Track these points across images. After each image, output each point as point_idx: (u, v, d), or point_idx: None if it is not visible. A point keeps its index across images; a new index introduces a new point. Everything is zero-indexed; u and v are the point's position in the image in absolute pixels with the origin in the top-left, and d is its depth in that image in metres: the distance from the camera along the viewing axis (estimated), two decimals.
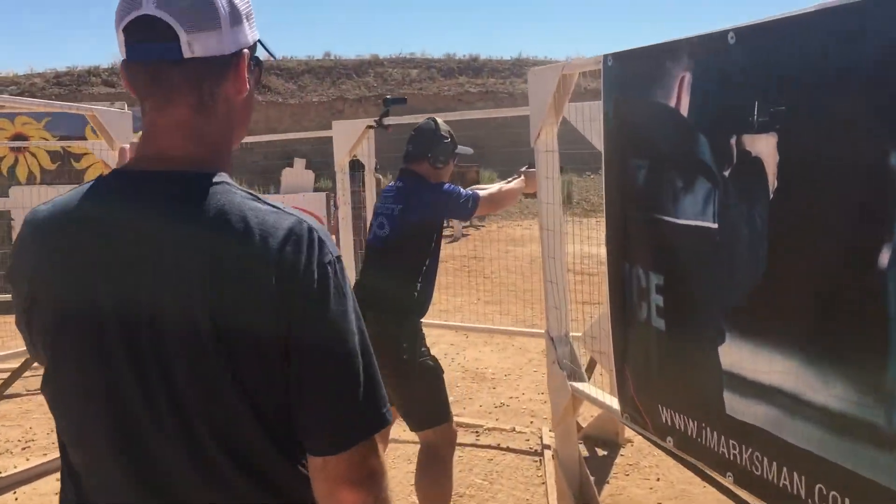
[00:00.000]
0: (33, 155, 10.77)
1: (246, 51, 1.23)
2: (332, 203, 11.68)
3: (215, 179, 1.17)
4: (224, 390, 1.12)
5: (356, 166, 6.65)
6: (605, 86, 2.73)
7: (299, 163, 11.62)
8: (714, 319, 2.26)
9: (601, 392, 3.10)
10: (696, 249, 2.32)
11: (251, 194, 1.19)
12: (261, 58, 1.31)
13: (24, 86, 19.75)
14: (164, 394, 1.13)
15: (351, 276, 4.59)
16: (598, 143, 3.90)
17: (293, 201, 11.57)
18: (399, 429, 4.14)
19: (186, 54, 1.15)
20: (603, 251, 2.84)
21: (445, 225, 18.89)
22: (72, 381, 1.17)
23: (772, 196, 2.01)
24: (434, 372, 3.29)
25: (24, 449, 4.72)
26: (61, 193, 1.25)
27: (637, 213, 2.62)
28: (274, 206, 1.17)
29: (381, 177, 13.39)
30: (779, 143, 1.97)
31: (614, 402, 2.93)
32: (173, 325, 1.11)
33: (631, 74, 2.64)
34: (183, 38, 1.14)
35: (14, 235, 11.45)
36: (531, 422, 5.01)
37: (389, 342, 3.12)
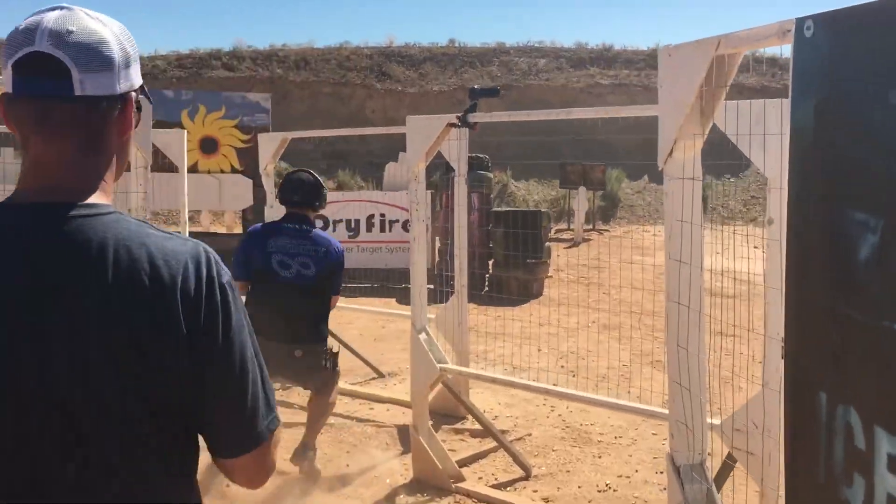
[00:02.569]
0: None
1: (133, 93, 1.32)
2: (437, 202, 10.69)
3: (107, 210, 1.26)
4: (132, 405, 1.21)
5: (449, 169, 5.61)
6: (796, 74, 1.54)
7: (404, 157, 10.68)
8: None
9: None
10: None
11: (144, 222, 1.29)
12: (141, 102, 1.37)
13: (146, 68, 19.71)
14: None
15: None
16: (763, 162, 2.67)
17: (395, 199, 10.65)
18: None
19: (78, 92, 1.22)
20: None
21: (566, 228, 17.63)
22: None
23: None
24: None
25: None
26: None
27: (855, 312, 1.41)
28: (168, 233, 1.28)
29: (491, 175, 12.26)
30: None
31: None
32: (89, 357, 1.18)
33: (852, 54, 1.42)
34: (76, 76, 1.21)
35: None
36: None
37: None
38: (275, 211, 6.24)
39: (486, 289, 10.30)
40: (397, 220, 10.45)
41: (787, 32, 1.57)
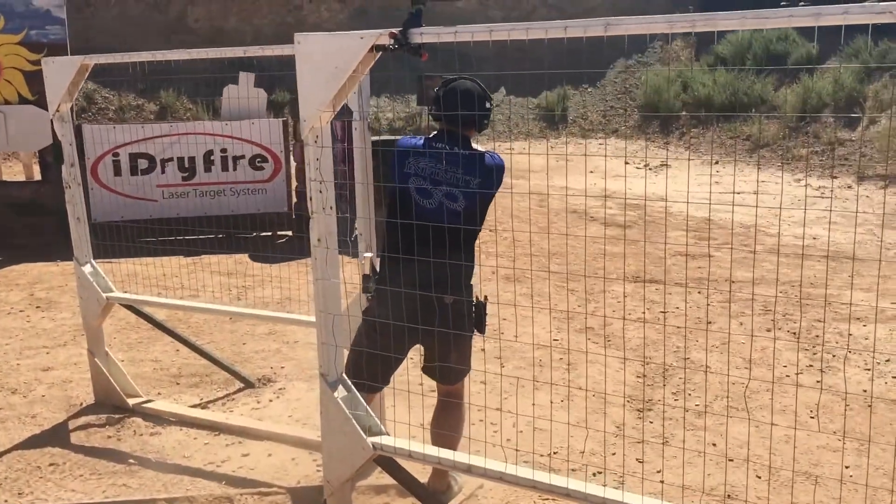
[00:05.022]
0: None
1: None
2: (290, 133, 8.82)
3: None
4: None
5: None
6: None
7: (246, 78, 8.67)
8: None
9: None
10: None
11: None
12: None
13: None
14: None
15: None
16: None
17: (238, 130, 8.66)
18: None
19: None
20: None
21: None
22: None
23: None
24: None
25: None
26: None
27: None
28: None
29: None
30: None
31: None
32: None
33: None
34: None
35: None
36: None
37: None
38: (76, 171, 4.34)
39: (358, 233, 8.67)
40: (242, 156, 8.53)
41: None
